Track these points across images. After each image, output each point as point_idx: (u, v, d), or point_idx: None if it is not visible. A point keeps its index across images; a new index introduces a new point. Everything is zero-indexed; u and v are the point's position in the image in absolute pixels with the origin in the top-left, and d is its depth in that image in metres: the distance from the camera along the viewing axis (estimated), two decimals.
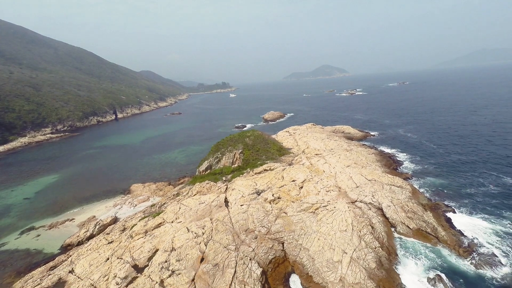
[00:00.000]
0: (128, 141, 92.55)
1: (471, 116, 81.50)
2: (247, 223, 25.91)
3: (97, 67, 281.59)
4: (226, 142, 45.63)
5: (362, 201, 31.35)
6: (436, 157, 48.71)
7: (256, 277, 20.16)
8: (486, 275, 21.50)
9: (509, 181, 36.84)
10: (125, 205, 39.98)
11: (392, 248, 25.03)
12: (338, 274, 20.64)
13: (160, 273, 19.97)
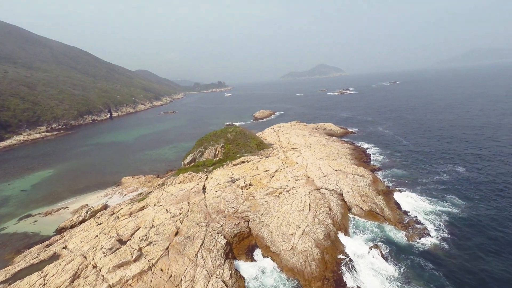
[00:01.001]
0: (121, 139, 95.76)
1: (445, 113, 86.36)
2: (219, 205, 29.76)
3: (92, 66, 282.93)
4: (209, 137, 49.42)
5: (326, 188, 35.33)
6: (404, 151, 52.99)
7: (221, 246, 24.02)
8: (414, 244, 25.63)
9: (460, 170, 41.18)
10: (115, 195, 43.55)
11: (344, 225, 29.05)
12: (291, 244, 24.58)
13: (139, 243, 23.73)
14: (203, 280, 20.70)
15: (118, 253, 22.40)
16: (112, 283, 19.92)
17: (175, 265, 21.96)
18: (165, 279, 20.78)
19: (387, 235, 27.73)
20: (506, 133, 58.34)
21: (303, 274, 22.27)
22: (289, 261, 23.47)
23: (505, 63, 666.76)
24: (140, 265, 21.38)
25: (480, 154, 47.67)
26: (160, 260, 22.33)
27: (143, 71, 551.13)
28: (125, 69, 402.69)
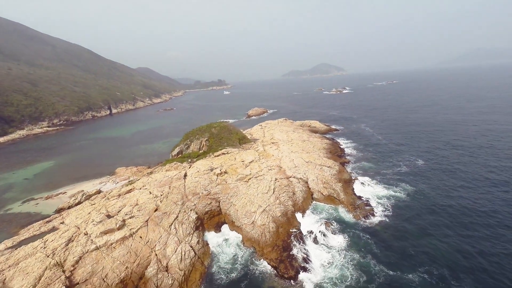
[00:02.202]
0: (119, 134, 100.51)
1: (425, 112, 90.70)
2: (196, 189, 34.28)
3: (94, 64, 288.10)
4: (195, 131, 53.94)
5: (295, 176, 39.78)
6: (377, 147, 57.30)
7: (192, 220, 28.57)
8: (360, 222, 30.08)
9: (419, 163, 45.53)
10: (109, 182, 48.17)
11: (304, 207, 33.52)
12: (252, 219, 29.07)
13: (124, 217, 28.30)
14: (173, 245, 25.27)
15: (105, 223, 26.97)
16: (99, 245, 24.47)
17: (152, 233, 26.53)
18: (143, 244, 25.36)
19: (339, 215, 32.19)
20: (470, 130, 62.63)
21: (258, 243, 26.79)
22: (249, 233, 27.98)
23: (506, 63, 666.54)
24: (122, 233, 25.95)
25: (440, 149, 52.18)
26: (140, 229, 26.90)
27: (144, 68, 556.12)
28: (126, 66, 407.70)
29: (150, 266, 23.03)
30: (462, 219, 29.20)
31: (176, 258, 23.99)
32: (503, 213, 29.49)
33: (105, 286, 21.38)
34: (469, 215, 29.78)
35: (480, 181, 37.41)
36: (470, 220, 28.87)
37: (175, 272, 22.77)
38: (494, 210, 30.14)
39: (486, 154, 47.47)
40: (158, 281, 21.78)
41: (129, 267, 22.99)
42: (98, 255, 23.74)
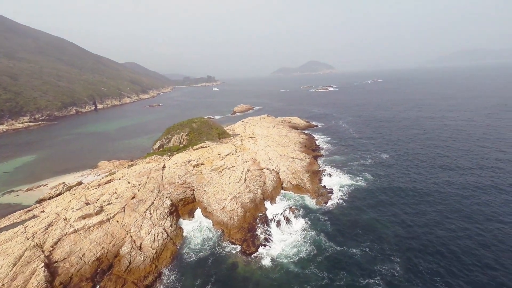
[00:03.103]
0: (103, 129, 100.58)
1: (399, 110, 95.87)
2: (172, 179, 36.61)
3: (78, 58, 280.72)
4: (176, 126, 55.94)
5: (268, 168, 42.70)
6: (349, 141, 61.14)
7: (166, 206, 31.00)
8: (321, 207, 33.37)
9: (384, 156, 49.49)
10: (91, 175, 49.63)
11: (273, 195, 36.51)
12: (222, 205, 31.79)
13: (101, 203, 30.38)
14: (147, 228, 27.67)
15: (84, 209, 28.98)
16: (77, 228, 26.56)
17: (128, 218, 28.81)
18: (119, 227, 27.62)
19: (304, 202, 35.39)
20: (434, 125, 67.68)
21: (227, 226, 29.58)
22: (219, 217, 30.71)
23: (487, 64, 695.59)
24: (100, 217, 28.08)
25: (404, 142, 56.80)
26: (117, 214, 29.11)
27: (132, 63, 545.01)
28: (112, 61, 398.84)
29: (124, 246, 25.38)
30: (408, 201, 33.14)
31: (149, 239, 26.46)
32: (448, 194, 33.54)
33: (82, 263, 23.61)
34: (415, 197, 33.77)
35: (433, 169, 41.66)
36: (415, 201, 32.77)
37: (148, 251, 25.24)
38: (442, 192, 34.16)
39: (444, 146, 52.06)
40: (131, 258, 24.19)
41: (105, 247, 25.27)
42: (76, 237, 25.86)
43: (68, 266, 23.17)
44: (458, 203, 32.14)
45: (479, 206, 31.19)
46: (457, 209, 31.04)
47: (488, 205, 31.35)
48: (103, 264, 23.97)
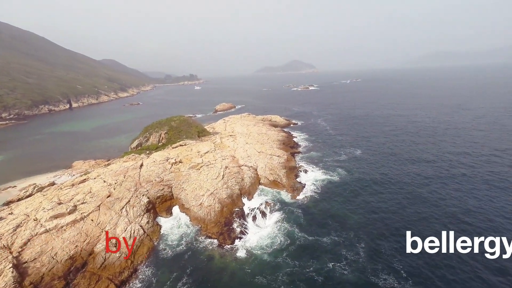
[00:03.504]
0: (78, 128, 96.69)
1: (374, 108, 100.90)
2: (150, 177, 36.58)
3: (50, 54, 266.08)
4: (155, 125, 55.39)
5: (246, 165, 43.69)
6: (326, 138, 63.68)
7: (143, 203, 31.10)
8: (296, 200, 34.92)
9: (357, 152, 52.20)
10: (64, 175, 48.05)
11: (251, 191, 37.57)
12: (199, 201, 32.38)
13: (75, 202, 29.88)
14: (123, 225, 27.71)
15: (56, 209, 28.41)
16: (49, 228, 26.06)
17: (103, 216, 28.63)
18: (94, 225, 27.42)
19: (281, 197, 36.76)
20: (402, 122, 72.23)
21: (204, 221, 30.26)
22: (196, 213, 31.30)
23: (461, 65, 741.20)
24: (73, 216, 27.69)
25: (377, 137, 60.16)
26: (92, 213, 28.82)
27: (110, 60, 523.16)
28: (88, 58, 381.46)
29: (99, 243, 25.33)
30: (375, 191, 35.65)
31: (125, 236, 26.55)
32: (409, 183, 36.40)
33: (54, 262, 23.33)
34: (381, 188, 36.37)
35: (400, 162, 44.79)
36: (381, 191, 35.26)
37: (123, 247, 25.37)
38: (405, 182, 36.97)
39: (410, 141, 55.87)
40: (106, 255, 24.24)
41: (79, 246, 25.07)
42: (48, 237, 25.40)
43: (39, 266, 22.82)
44: (417, 190, 35.35)
45: (433, 193, 34.26)
46: (416, 195, 34.15)
47: (441, 191, 34.49)
48: (77, 262, 23.82)
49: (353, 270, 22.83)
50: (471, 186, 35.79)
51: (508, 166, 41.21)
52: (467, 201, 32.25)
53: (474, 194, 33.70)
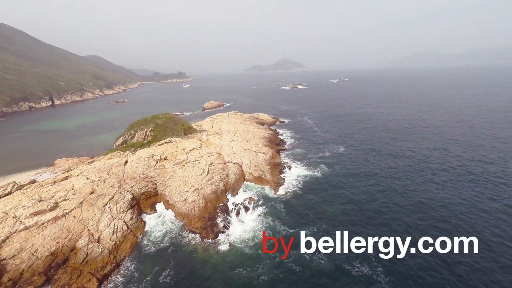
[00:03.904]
0: (62, 126, 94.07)
1: (359, 107, 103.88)
2: (134, 173, 36.64)
3: (30, 49, 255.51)
4: (140, 122, 55.07)
5: (231, 161, 44.35)
6: (311, 136, 65.24)
7: (127, 200, 31.24)
8: (278, 195, 35.99)
9: (340, 149, 53.95)
10: (46, 173, 47.07)
11: (235, 187, 38.29)
12: (184, 197, 32.85)
13: (56, 199, 29.67)
14: (106, 221, 27.84)
15: (36, 206, 28.16)
16: (29, 225, 25.87)
17: (86, 213, 28.62)
18: (76, 222, 27.39)
19: (265, 192, 37.70)
20: (382, 120, 75.06)
21: (188, 216, 30.79)
22: (181, 209, 31.77)
23: (439, 66, 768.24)
24: (55, 213, 27.55)
25: (359, 138, 62.09)
26: (74, 210, 28.74)
27: (95, 57, 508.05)
28: (72, 54, 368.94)
29: (81, 239, 25.41)
30: (355, 185, 37.27)
31: (108, 231, 26.74)
32: (387, 176, 38.27)
33: (34, 259, 23.28)
34: (361, 181, 38.10)
35: (380, 157, 46.81)
36: (361, 184, 36.93)
37: (106, 243, 25.58)
38: (380, 175, 38.82)
39: (391, 137, 58.30)
40: (88, 250, 24.40)
41: (60, 242, 25.07)
42: (28, 234, 25.24)
43: (18, 262, 22.73)
44: (392, 182, 37.46)
45: (407, 185, 36.24)
46: (390, 187, 36.19)
47: (412, 183, 36.56)
48: (58, 258, 23.85)
49: (329, 259, 24.09)
50: (448, 179, 38.14)
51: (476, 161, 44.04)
52: (439, 192, 34.43)
53: (442, 184, 35.97)
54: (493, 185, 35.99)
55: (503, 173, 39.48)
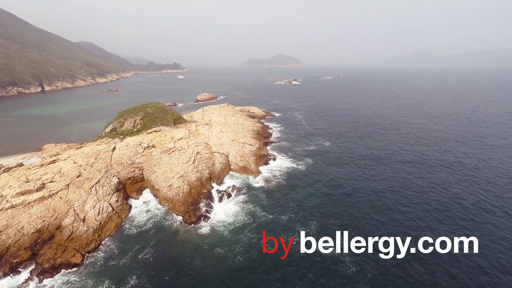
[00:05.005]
0: (51, 112, 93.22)
1: (349, 103, 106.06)
2: (121, 159, 37.57)
3: (19, 32, 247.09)
4: (130, 110, 55.60)
5: (218, 151, 45.62)
6: (300, 130, 66.91)
7: (113, 183, 32.30)
8: (261, 185, 37.56)
9: (326, 144, 55.82)
10: (34, 158, 47.44)
11: (220, 176, 39.70)
12: (169, 183, 34.08)
13: (43, 181, 30.51)
14: (92, 202, 28.93)
15: (23, 186, 28.98)
16: (15, 203, 26.75)
17: (72, 194, 29.61)
18: (62, 202, 28.40)
19: (248, 181, 39.26)
20: (371, 117, 77.37)
21: (172, 201, 32.11)
22: (166, 194, 33.04)
23: (433, 67, 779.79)
24: (41, 193, 28.45)
25: (345, 133, 64.13)
26: (60, 191, 29.68)
27: (87, 43, 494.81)
28: (63, 39, 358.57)
29: (67, 218, 26.50)
30: (335, 178, 39.14)
31: (94, 212, 27.88)
32: (364, 171, 40.25)
33: (20, 235, 24.33)
34: (341, 175, 39.95)
35: (363, 151, 48.79)
36: (340, 178, 38.82)
37: (91, 222, 26.75)
38: (360, 169, 40.80)
39: (376, 133, 60.47)
40: (73, 228, 25.55)
41: (46, 220, 26.12)
42: (14, 212, 26.16)
43: (5, 238, 23.73)
44: (369, 177, 39.54)
45: (383, 180, 38.34)
46: (366, 181, 38.23)
47: (387, 179, 38.70)
48: (44, 235, 24.96)
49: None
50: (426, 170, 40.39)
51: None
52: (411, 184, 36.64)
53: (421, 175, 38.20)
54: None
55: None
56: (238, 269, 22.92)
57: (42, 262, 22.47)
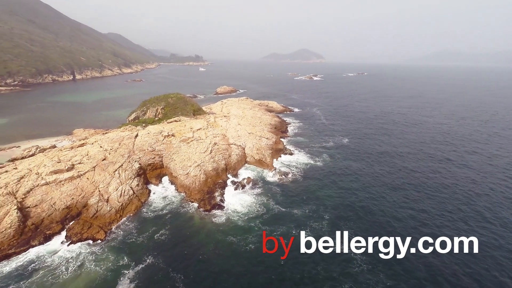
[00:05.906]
0: (80, 100, 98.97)
1: (369, 101, 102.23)
2: (143, 146, 39.39)
3: (54, 22, 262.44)
4: (152, 100, 57.71)
5: (235, 143, 46.32)
6: (318, 127, 65.96)
7: (135, 168, 34.06)
8: (276, 179, 37.79)
9: (344, 141, 54.69)
10: (65, 140, 51.01)
11: (236, 167, 40.42)
12: (187, 171, 35.31)
13: (73, 162, 32.86)
14: (115, 185, 30.78)
15: (55, 165, 31.42)
16: (49, 181, 29.15)
17: (98, 176, 31.67)
18: (89, 183, 30.51)
19: (263, 174, 39.66)
20: (393, 116, 74.21)
21: (189, 188, 33.32)
22: (183, 181, 34.31)
23: (462, 65, 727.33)
24: (71, 173, 30.72)
25: (365, 130, 62.35)
26: (88, 172, 31.84)
27: (115, 34, 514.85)
28: (93, 30, 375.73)
29: (93, 198, 28.49)
30: (352, 175, 38.46)
31: (116, 194, 29.69)
32: (382, 170, 39.17)
33: (52, 210, 26.58)
34: (357, 173, 39.15)
35: (381, 151, 47.37)
36: (357, 176, 38.08)
37: (114, 203, 28.56)
38: (383, 170, 39.72)
39: (397, 132, 58.23)
40: (98, 207, 27.45)
41: (75, 198, 28.26)
42: (48, 188, 28.55)
43: (40, 211, 26.07)
44: (385, 176, 38.65)
45: (408, 183, 37.07)
46: (381, 180, 37.34)
47: (414, 181, 37.32)
48: (72, 211, 27.09)
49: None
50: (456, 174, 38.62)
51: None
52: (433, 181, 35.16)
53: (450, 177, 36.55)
54: (496, 185, 36.15)
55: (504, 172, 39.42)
56: (251, 258, 23.53)
57: (70, 236, 24.50)
